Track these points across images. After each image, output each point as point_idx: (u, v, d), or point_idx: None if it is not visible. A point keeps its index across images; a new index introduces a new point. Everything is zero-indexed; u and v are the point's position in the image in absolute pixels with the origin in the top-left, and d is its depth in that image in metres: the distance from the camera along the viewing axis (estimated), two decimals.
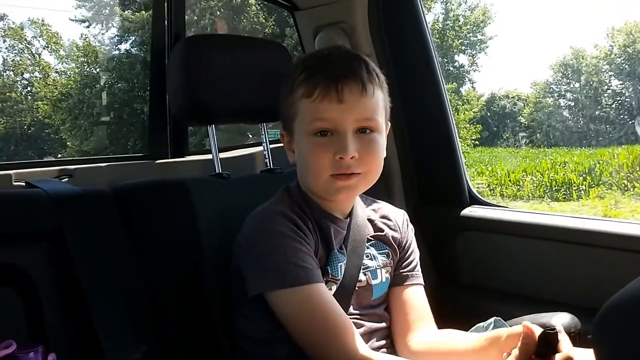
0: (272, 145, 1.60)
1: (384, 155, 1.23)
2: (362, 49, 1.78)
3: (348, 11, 1.82)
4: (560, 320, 1.29)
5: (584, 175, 12.10)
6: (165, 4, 1.94)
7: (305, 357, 1.12)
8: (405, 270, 1.33)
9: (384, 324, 1.29)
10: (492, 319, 1.24)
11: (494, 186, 12.62)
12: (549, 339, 1.00)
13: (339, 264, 1.22)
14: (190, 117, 1.51)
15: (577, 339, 1.27)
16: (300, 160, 1.22)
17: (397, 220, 1.36)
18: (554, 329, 1.00)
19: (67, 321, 1.14)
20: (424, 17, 1.81)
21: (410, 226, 1.39)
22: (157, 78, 1.97)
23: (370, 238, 1.30)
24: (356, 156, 1.15)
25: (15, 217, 1.16)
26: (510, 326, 1.21)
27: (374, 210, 1.36)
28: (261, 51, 1.57)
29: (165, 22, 1.92)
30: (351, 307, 1.23)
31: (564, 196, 11.33)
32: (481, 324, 1.26)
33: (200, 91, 1.42)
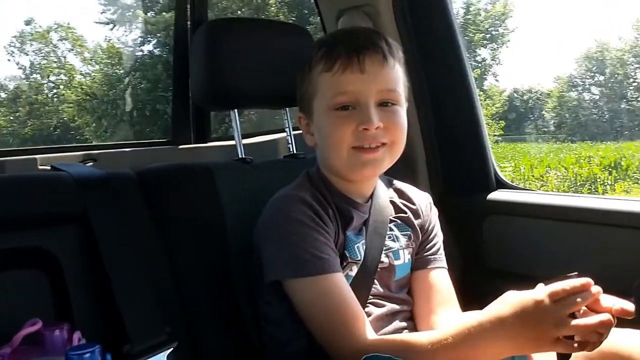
0: (295, 132, 1.59)
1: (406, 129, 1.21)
2: (386, 31, 1.75)
3: None
4: None
5: (609, 170, 11.91)
6: None
7: None
8: (428, 253, 1.31)
9: (406, 307, 1.27)
10: None
11: (517, 182, 12.50)
12: None
13: (356, 246, 1.21)
14: (213, 102, 1.51)
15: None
16: (321, 137, 1.21)
17: (420, 203, 1.35)
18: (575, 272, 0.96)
19: (93, 303, 1.15)
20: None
21: (434, 209, 1.37)
22: (179, 64, 1.98)
23: (393, 219, 1.29)
24: (381, 126, 1.14)
25: (41, 199, 1.17)
26: None
27: (396, 191, 1.34)
28: (284, 35, 1.56)
29: (188, 7, 1.92)
30: (375, 288, 1.22)
31: (589, 191, 11.17)
32: None
33: (222, 76, 1.41)
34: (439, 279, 1.30)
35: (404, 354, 1.00)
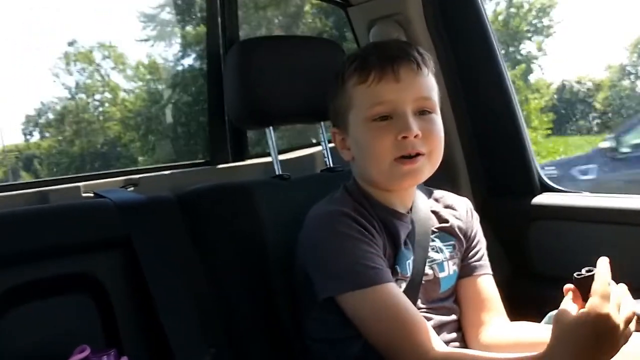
0: (331, 145, 1.59)
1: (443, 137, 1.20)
2: (419, 39, 1.74)
3: (401, 2, 1.78)
4: None
5: None
6: (219, 9, 1.96)
7: (375, 356, 1.10)
8: (472, 260, 1.30)
9: (453, 317, 1.25)
10: None
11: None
12: (583, 283, 0.96)
13: (407, 262, 1.19)
14: (248, 121, 1.52)
15: None
16: (359, 150, 1.20)
17: (460, 209, 1.33)
18: (591, 270, 0.97)
19: (140, 327, 1.17)
20: (482, 1, 1.76)
21: (475, 215, 1.35)
22: (214, 83, 2.00)
23: (435, 230, 1.27)
24: (420, 135, 1.13)
25: (86, 226, 1.20)
26: None
27: (436, 200, 1.33)
28: (315, 50, 1.56)
29: (219, 27, 1.95)
30: (419, 301, 1.21)
31: None
32: (554, 312, 1.20)
33: (256, 94, 1.42)
34: (485, 286, 1.29)
35: None
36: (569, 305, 0.96)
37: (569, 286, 1.00)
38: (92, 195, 1.39)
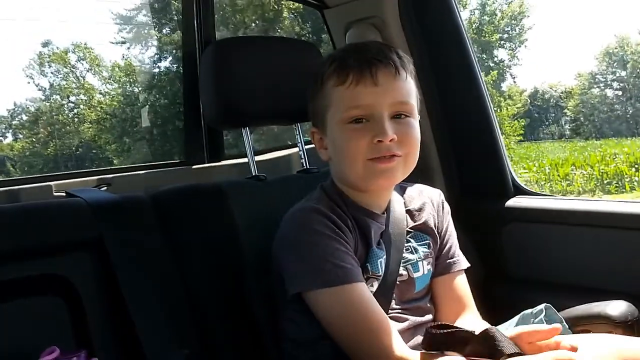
0: (307, 146, 1.58)
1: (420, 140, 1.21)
2: (395, 42, 1.75)
3: (378, 5, 1.79)
4: (617, 308, 1.24)
5: (636, 166, 11.71)
6: (195, 9, 1.95)
7: (348, 357, 1.10)
8: (446, 258, 1.31)
9: (429, 317, 1.26)
10: (542, 306, 1.19)
11: (542, 182, 12.33)
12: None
13: (379, 260, 1.20)
14: (224, 121, 1.51)
15: (635, 328, 1.22)
16: (336, 151, 1.20)
17: (433, 202, 1.34)
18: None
19: (111, 328, 1.15)
20: (456, 5, 1.77)
21: (447, 207, 1.36)
22: (190, 84, 1.99)
23: (410, 230, 1.28)
24: (395, 138, 1.14)
25: (57, 226, 1.18)
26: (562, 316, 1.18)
27: (410, 198, 1.33)
28: (292, 51, 1.56)
29: (195, 27, 1.94)
30: (394, 302, 1.21)
31: (616, 188, 10.99)
32: (529, 310, 1.21)
33: (232, 94, 1.41)
34: (460, 284, 1.30)
35: None
36: None
37: None
38: (64, 194, 1.36)
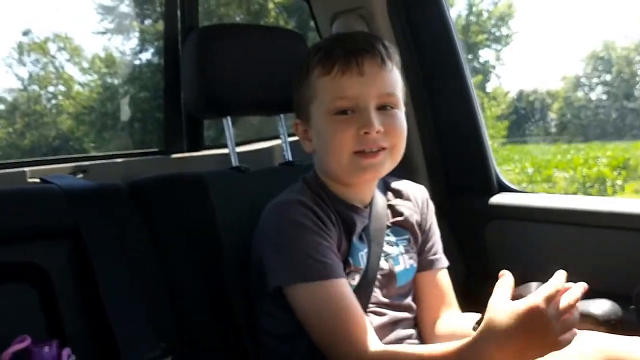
0: (290, 139, 1.56)
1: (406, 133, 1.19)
2: (382, 34, 1.73)
3: None
4: (601, 307, 1.23)
5: (618, 170, 11.84)
6: None
7: None
8: (429, 254, 1.30)
9: (409, 314, 1.25)
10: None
11: (524, 184, 12.43)
12: None
13: (360, 254, 1.18)
14: (205, 110, 1.48)
15: (619, 327, 1.21)
16: (320, 143, 1.18)
17: (417, 200, 1.33)
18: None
19: (84, 318, 1.13)
20: (445, 0, 1.76)
21: (431, 205, 1.35)
22: (171, 71, 1.95)
23: (389, 225, 1.27)
24: (381, 130, 1.12)
25: (31, 213, 1.15)
26: None
27: (393, 192, 1.32)
28: (277, 40, 1.53)
29: (178, 13, 1.90)
30: (376, 296, 1.20)
31: (598, 192, 11.10)
32: None
33: (214, 83, 1.38)
34: (442, 281, 1.30)
35: None
36: (503, 293, 0.96)
37: (504, 272, 1.01)
38: (38, 180, 1.33)
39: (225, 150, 1.52)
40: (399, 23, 1.78)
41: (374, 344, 1.06)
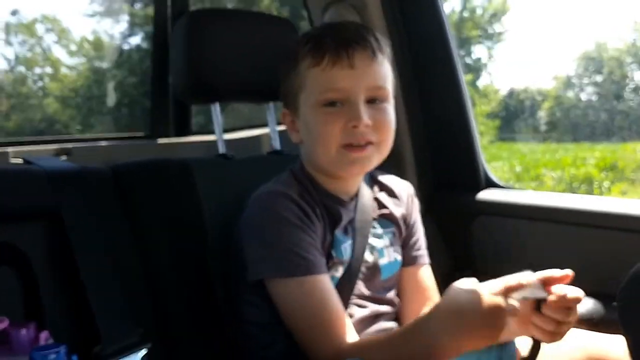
0: (279, 127, 1.54)
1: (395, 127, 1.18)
2: (374, 25, 1.71)
3: None
4: (583, 305, 1.23)
5: (606, 171, 11.91)
6: None
7: None
8: (413, 249, 1.30)
9: (391, 308, 1.25)
10: None
11: (512, 183, 12.47)
12: None
13: (343, 246, 1.18)
14: (193, 95, 1.46)
15: (601, 325, 1.21)
16: (308, 134, 1.17)
17: (402, 195, 1.32)
18: None
19: (63, 302, 1.11)
20: None
21: (416, 201, 1.35)
22: (159, 54, 1.92)
23: (375, 217, 1.26)
24: (370, 124, 1.11)
25: (12, 193, 1.13)
26: None
27: (378, 185, 1.31)
28: (268, 27, 1.51)
29: None
30: (359, 289, 1.19)
31: (585, 193, 11.16)
32: None
33: (203, 68, 1.36)
34: (426, 277, 1.30)
35: (368, 355, 1.00)
36: (471, 280, 0.96)
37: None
38: (21, 161, 1.31)
39: (212, 137, 1.50)
40: (391, 14, 1.77)
41: (350, 339, 1.06)
